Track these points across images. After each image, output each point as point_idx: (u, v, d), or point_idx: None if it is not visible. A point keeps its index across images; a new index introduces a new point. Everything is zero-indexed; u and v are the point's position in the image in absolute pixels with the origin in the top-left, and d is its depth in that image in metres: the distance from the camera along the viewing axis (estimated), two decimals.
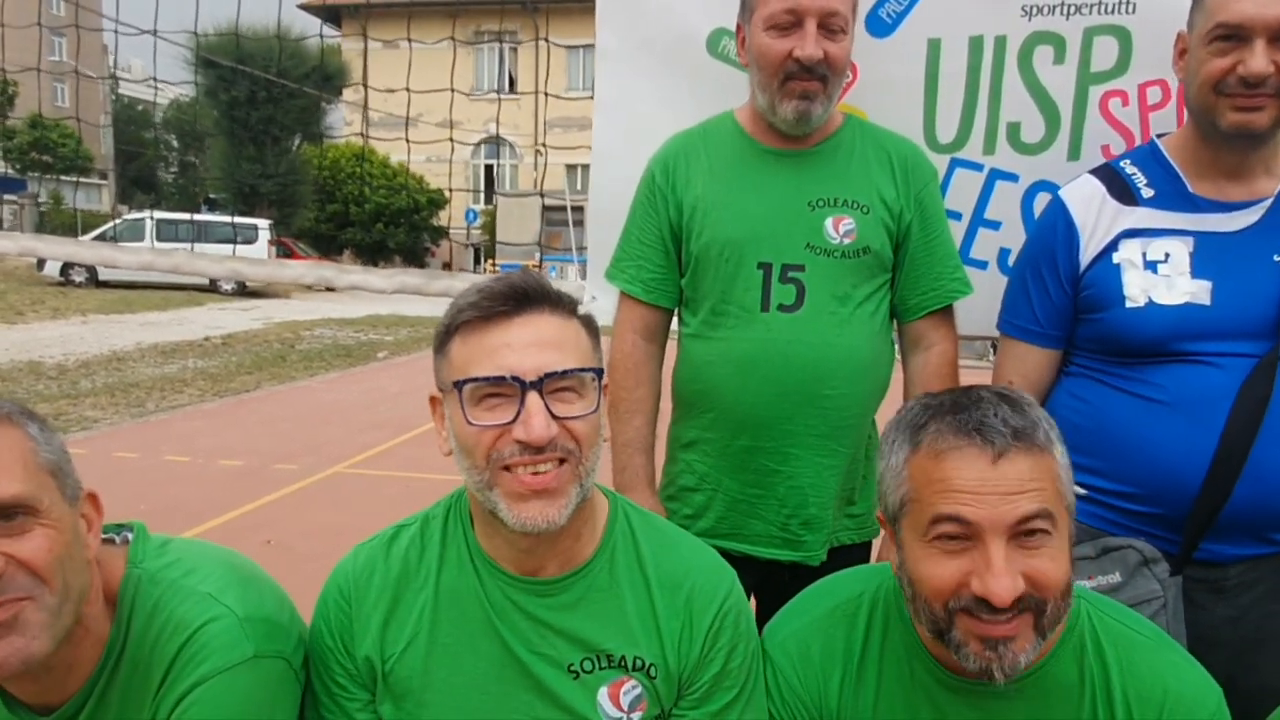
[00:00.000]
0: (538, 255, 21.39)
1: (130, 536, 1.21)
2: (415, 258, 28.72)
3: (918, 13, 1.98)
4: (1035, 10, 1.93)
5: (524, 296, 1.17)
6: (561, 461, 1.16)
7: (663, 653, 1.25)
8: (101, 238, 17.86)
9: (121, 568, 1.16)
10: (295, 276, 2.63)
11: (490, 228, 27.53)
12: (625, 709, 1.24)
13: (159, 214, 21.49)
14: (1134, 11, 1.88)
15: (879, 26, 2.01)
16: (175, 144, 40.98)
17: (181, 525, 5.04)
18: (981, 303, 1.88)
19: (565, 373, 1.15)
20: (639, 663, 1.24)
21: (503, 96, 29.14)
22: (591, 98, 2.27)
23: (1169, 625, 1.48)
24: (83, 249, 3.00)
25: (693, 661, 1.26)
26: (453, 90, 3.42)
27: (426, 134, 4.39)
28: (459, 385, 1.16)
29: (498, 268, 24.21)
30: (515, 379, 1.14)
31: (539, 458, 1.14)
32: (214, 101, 24.56)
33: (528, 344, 1.15)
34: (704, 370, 1.78)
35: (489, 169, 31.88)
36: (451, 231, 27.83)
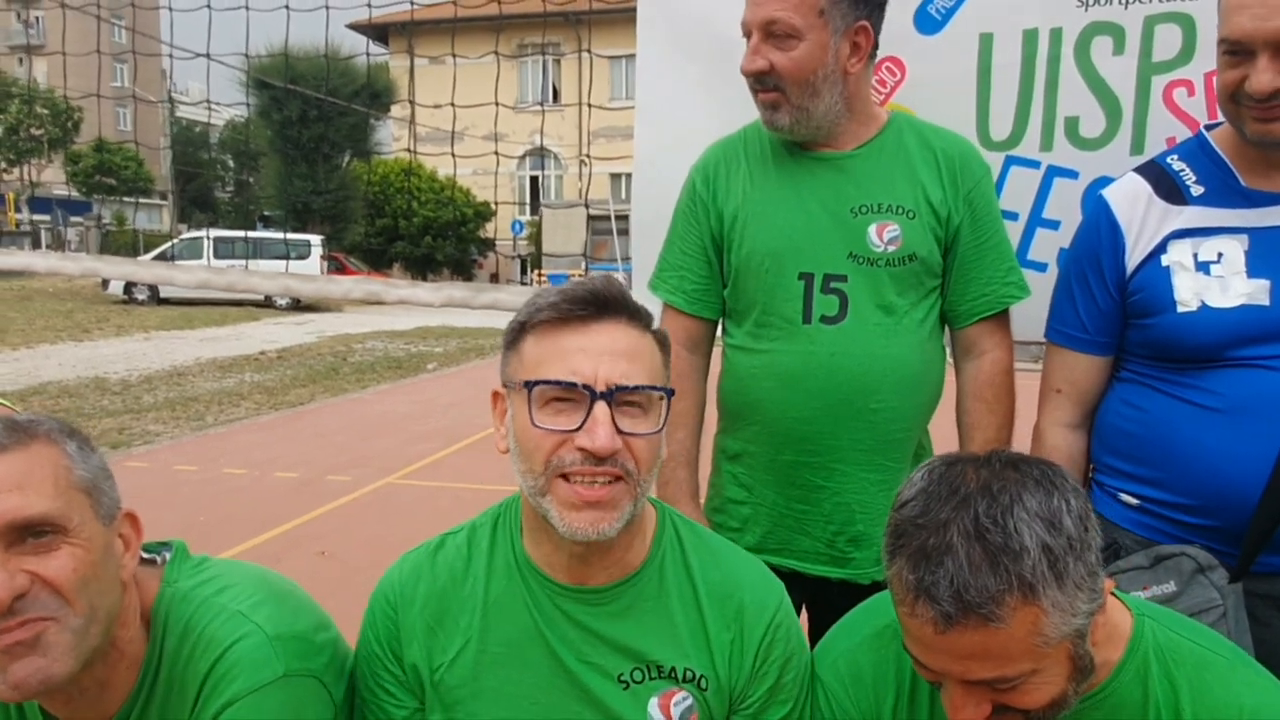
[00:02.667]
0: (584, 265, 21.50)
1: (168, 556, 1.20)
2: (463, 269, 29.08)
3: (968, 7, 1.93)
4: (1092, 0, 1.86)
5: (604, 303, 1.15)
6: (618, 479, 1.14)
7: (713, 665, 1.23)
8: (162, 256, 18.38)
9: (157, 586, 1.16)
10: (344, 292, 2.66)
11: (536, 238, 27.76)
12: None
13: (216, 232, 22.08)
14: None
15: (928, 23, 1.96)
16: (231, 164, 42.11)
17: (238, 537, 5.13)
18: (1041, 306, 1.81)
19: (635, 388, 1.14)
20: (690, 674, 1.22)
21: (546, 108, 29.37)
22: (634, 107, 2.25)
23: (1232, 635, 1.40)
24: (141, 269, 3.08)
25: (745, 675, 1.23)
26: (497, 104, 3.44)
27: (473, 147, 4.43)
28: (529, 385, 1.14)
29: (544, 278, 24.38)
30: (586, 386, 1.12)
31: (598, 470, 1.13)
32: (267, 121, 25.18)
33: (602, 351, 1.13)
34: (748, 383, 1.74)
35: (534, 180, 32.16)
36: (498, 243, 28.11)
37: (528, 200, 31.46)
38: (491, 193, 26.12)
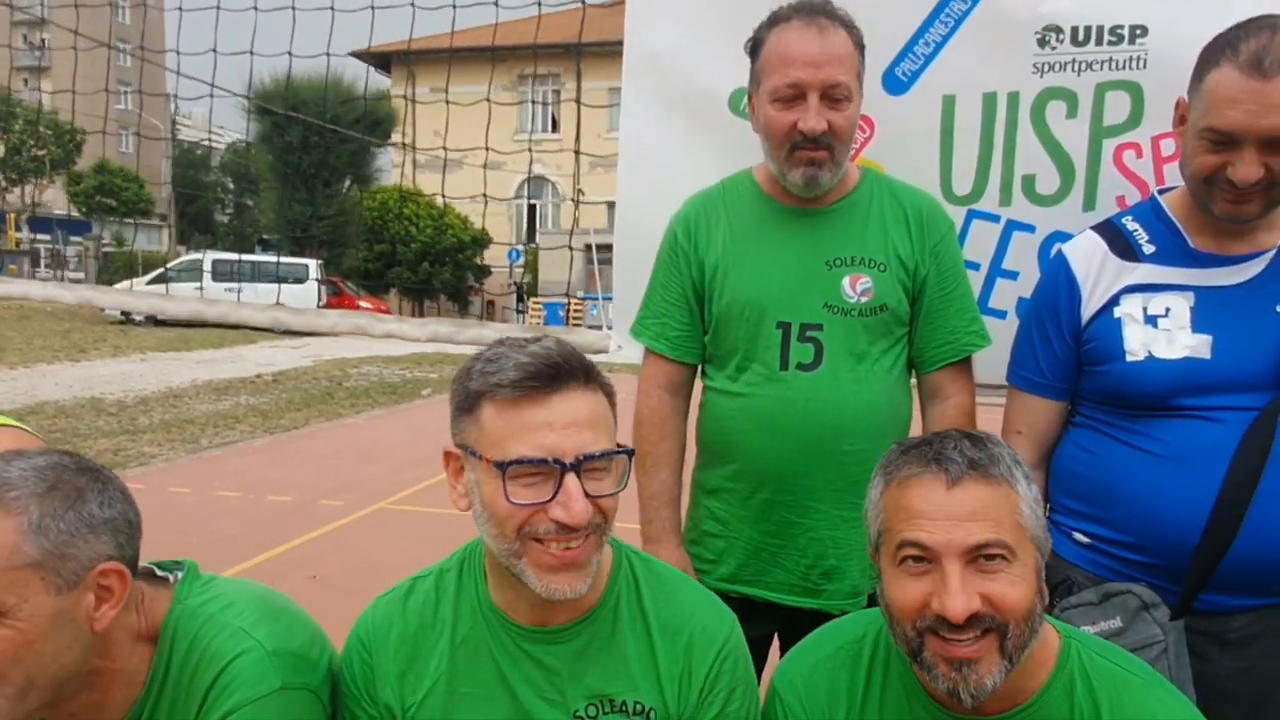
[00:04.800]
0: (580, 294, 21.64)
1: (179, 575, 1.30)
2: (459, 296, 29.20)
3: (932, 71, 2.05)
4: (1047, 67, 1.98)
5: (560, 372, 1.19)
6: (590, 535, 1.22)
7: (662, 696, 1.31)
8: (161, 277, 18.49)
9: (167, 604, 1.25)
10: (331, 325, 2.75)
11: (533, 266, 27.93)
12: None
13: (213, 254, 22.18)
14: (1145, 67, 1.93)
15: (895, 84, 2.08)
16: (231, 187, 42.37)
17: (230, 560, 5.19)
18: (1001, 352, 1.91)
19: (601, 454, 1.20)
20: (640, 706, 1.30)
21: (544, 138, 29.68)
22: None
23: (1172, 669, 1.49)
24: (136, 299, 3.17)
25: (692, 703, 1.32)
26: (486, 145, 3.55)
27: (471, 176, 4.53)
28: (502, 466, 1.17)
29: (541, 305, 24.51)
30: (557, 461, 1.17)
31: (571, 535, 1.19)
32: (268, 146, 25.39)
33: (567, 424, 1.18)
34: (727, 424, 1.83)
35: (532, 209, 32.40)
36: (494, 271, 28.27)
37: (524, 229, 31.69)
38: (489, 220, 26.31)
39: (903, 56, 2.06)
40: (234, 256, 20.63)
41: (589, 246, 20.25)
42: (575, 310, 21.52)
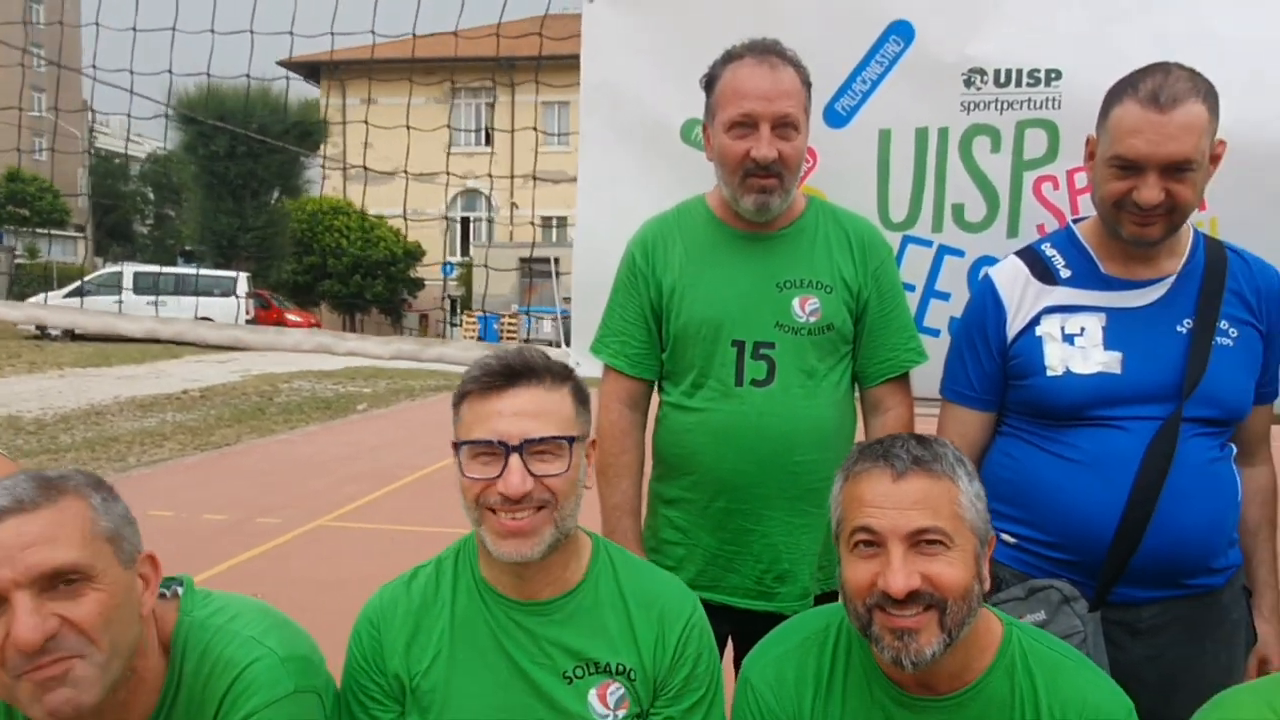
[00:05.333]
0: (514, 307, 21.58)
1: (180, 590, 1.35)
2: (392, 310, 28.83)
3: (870, 106, 2.21)
4: (973, 105, 2.16)
5: (514, 373, 1.42)
6: (540, 508, 1.40)
7: (640, 659, 1.48)
8: (78, 290, 17.85)
9: (174, 617, 1.31)
10: (294, 343, 2.77)
11: (467, 280, 27.75)
12: (611, 708, 1.47)
13: (134, 266, 21.48)
14: (1060, 108, 2.11)
15: (836, 118, 2.23)
16: (151, 197, 41.04)
17: None
18: (935, 368, 2.06)
19: (542, 439, 1.40)
20: (620, 667, 1.48)
21: (477, 151, 29.56)
22: (567, 151, 2.46)
23: (1091, 656, 1.63)
24: (89, 317, 3.14)
25: (666, 665, 1.49)
26: (407, 158, 3.60)
27: (403, 188, 4.56)
28: (457, 446, 1.43)
29: (475, 319, 24.36)
30: (501, 443, 1.39)
31: (516, 507, 1.39)
32: (193, 156, 24.76)
33: (515, 413, 1.40)
34: (684, 437, 1.94)
35: (465, 221, 32.21)
36: (428, 284, 28.00)
37: (459, 242, 31.47)
38: (422, 233, 26.09)
39: (842, 93, 2.22)
40: (157, 269, 20.02)
41: (523, 260, 20.25)
42: (510, 324, 21.46)
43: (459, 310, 28.27)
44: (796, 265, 1.92)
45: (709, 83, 1.91)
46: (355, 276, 27.53)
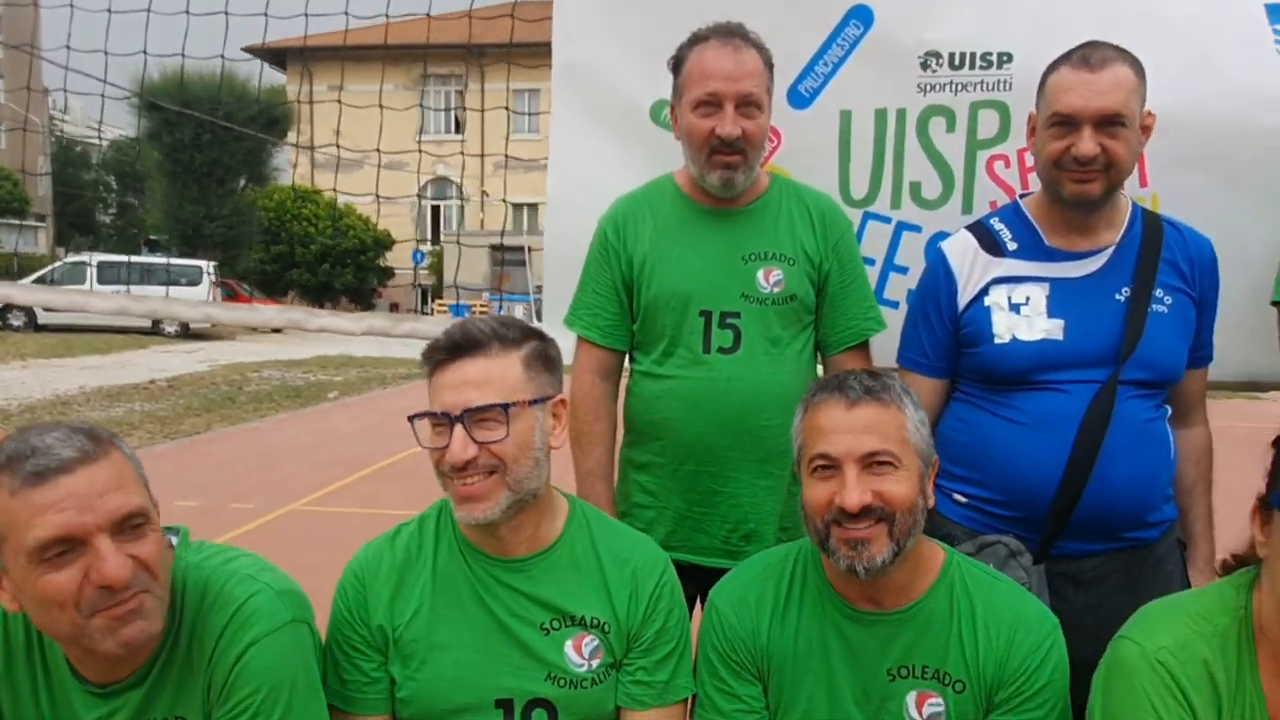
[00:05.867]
0: (486, 295, 21.54)
1: (175, 539, 1.42)
2: (361, 298, 28.62)
3: (831, 88, 2.29)
4: (929, 87, 2.25)
5: (457, 347, 1.47)
6: (491, 472, 1.47)
7: (614, 613, 1.57)
8: (41, 281, 17.56)
9: (171, 561, 1.36)
10: (266, 320, 2.81)
11: (438, 268, 27.61)
12: (586, 657, 1.55)
13: (100, 256, 21.14)
14: (1010, 89, 2.21)
15: (799, 100, 2.32)
16: (114, 185, 40.32)
17: None
18: (895, 337, 2.15)
19: (481, 407, 1.45)
20: (595, 620, 1.56)
21: (447, 139, 29.37)
22: (538, 139, 2.51)
23: None
24: (57, 295, 3.15)
25: (639, 619, 1.57)
26: (380, 144, 3.64)
27: (372, 175, 4.55)
28: (411, 419, 1.50)
29: (446, 309, 24.26)
30: (444, 414, 1.45)
31: (465, 473, 1.46)
32: (157, 144, 24.36)
33: (460, 384, 1.46)
34: (654, 404, 2.02)
35: (435, 210, 32.00)
36: (398, 273, 27.82)
37: (429, 230, 31.27)
38: (392, 221, 25.90)
39: (805, 75, 2.30)
40: (123, 259, 19.73)
41: (494, 247, 20.19)
42: (481, 311, 21.41)
43: (430, 298, 28.13)
44: (761, 239, 2.00)
45: (676, 64, 1.99)
46: (324, 265, 27.28)
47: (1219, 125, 2.13)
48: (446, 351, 1.47)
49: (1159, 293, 1.85)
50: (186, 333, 20.51)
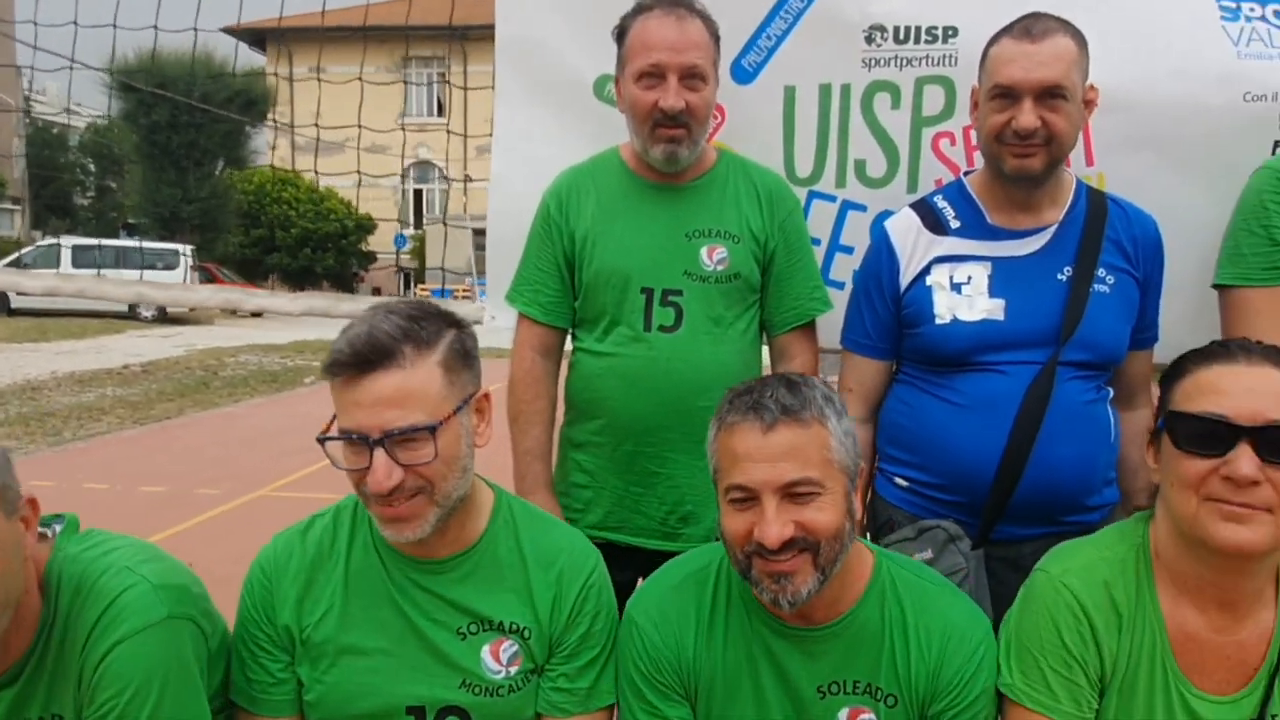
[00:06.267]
0: (469, 280, 21.43)
1: (58, 529, 1.36)
2: (343, 283, 28.41)
3: (775, 62, 2.24)
4: (874, 62, 2.20)
5: (366, 360, 1.30)
6: (416, 493, 1.35)
7: (536, 618, 1.48)
8: (16, 263, 17.34)
9: (48, 555, 1.31)
10: (201, 300, 2.75)
11: (420, 252, 27.42)
12: (504, 663, 1.48)
13: (72, 239, 20.88)
14: (956, 64, 2.16)
15: (742, 74, 2.26)
16: (92, 168, 39.81)
17: None
18: (839, 318, 2.12)
19: (401, 430, 1.31)
20: (514, 626, 1.48)
21: (429, 122, 29.14)
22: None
23: (973, 593, 1.71)
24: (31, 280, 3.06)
25: (562, 624, 1.49)
26: (362, 127, 3.58)
27: (354, 159, 4.50)
28: (321, 440, 1.35)
29: (429, 293, 24.13)
30: (361, 437, 1.31)
31: (389, 498, 1.34)
32: (133, 126, 24.04)
33: (373, 403, 1.30)
34: (594, 382, 1.98)
35: (418, 194, 31.76)
36: (380, 257, 27.61)
37: (411, 214, 31.03)
38: (373, 205, 25.69)
39: (748, 49, 2.25)
40: (96, 242, 19.48)
41: (478, 231, 20.04)
42: (464, 295, 21.29)
43: (413, 283, 27.95)
44: (705, 216, 1.96)
45: (619, 35, 1.94)
46: (305, 250, 27.04)
47: (1167, 104, 2.09)
48: (353, 368, 1.30)
49: (1101, 272, 1.82)
50: (164, 317, 20.31)
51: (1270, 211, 1.79)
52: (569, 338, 2.08)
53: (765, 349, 2.10)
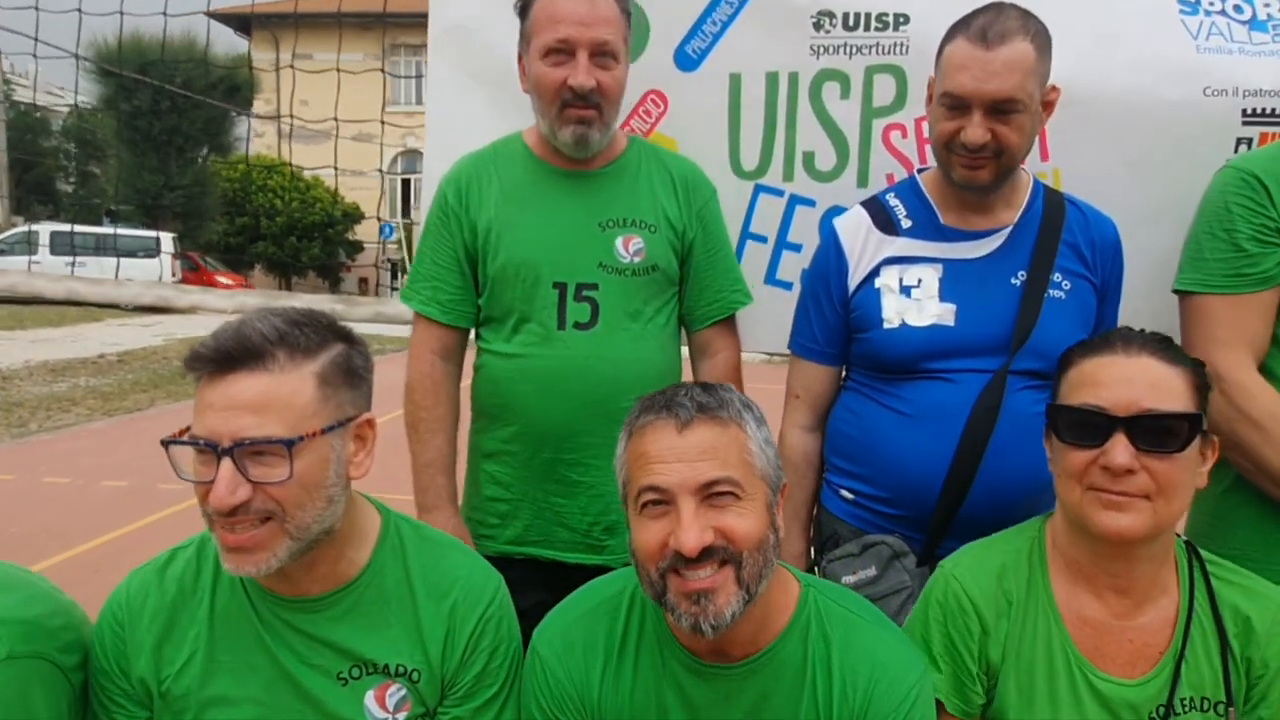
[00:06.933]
0: None
1: None
2: (330, 272, 28.22)
3: (720, 49, 2.12)
4: (822, 49, 2.08)
5: (228, 357, 1.17)
6: (266, 519, 1.20)
7: (426, 658, 1.35)
8: None
9: None
10: (132, 296, 2.63)
11: (408, 242, 27.21)
12: (390, 710, 1.33)
13: (50, 225, 20.62)
14: (907, 53, 2.05)
15: (686, 61, 2.15)
16: (74, 153, 39.41)
17: (52, 549, 4.88)
18: (787, 321, 2.01)
19: (255, 441, 1.15)
20: (402, 668, 1.34)
21: (418, 111, 28.89)
22: None
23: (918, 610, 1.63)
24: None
25: (455, 662, 1.35)
26: (346, 115, 3.45)
27: (341, 148, 4.38)
28: (166, 445, 1.19)
29: None
30: (209, 444, 1.16)
31: (232, 520, 1.18)
32: (115, 111, 23.75)
33: (227, 406, 1.16)
34: (504, 385, 1.85)
35: (406, 183, 31.54)
36: (368, 247, 27.39)
37: (399, 203, 30.80)
38: (361, 195, 25.46)
39: (692, 35, 2.13)
40: (67, 228, 19.22)
41: None
42: None
43: (400, 273, 27.75)
44: (619, 204, 1.85)
45: (523, 8, 1.81)
46: (290, 238, 26.80)
47: (1124, 98, 1.99)
48: (213, 364, 1.16)
49: (1057, 277, 1.73)
50: (145, 305, 20.09)
51: (1234, 215, 1.69)
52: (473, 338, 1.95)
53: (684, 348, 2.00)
